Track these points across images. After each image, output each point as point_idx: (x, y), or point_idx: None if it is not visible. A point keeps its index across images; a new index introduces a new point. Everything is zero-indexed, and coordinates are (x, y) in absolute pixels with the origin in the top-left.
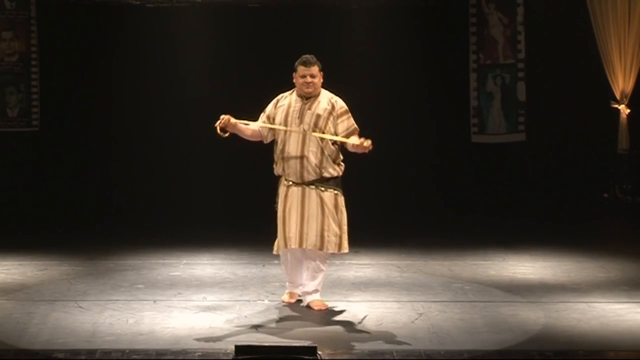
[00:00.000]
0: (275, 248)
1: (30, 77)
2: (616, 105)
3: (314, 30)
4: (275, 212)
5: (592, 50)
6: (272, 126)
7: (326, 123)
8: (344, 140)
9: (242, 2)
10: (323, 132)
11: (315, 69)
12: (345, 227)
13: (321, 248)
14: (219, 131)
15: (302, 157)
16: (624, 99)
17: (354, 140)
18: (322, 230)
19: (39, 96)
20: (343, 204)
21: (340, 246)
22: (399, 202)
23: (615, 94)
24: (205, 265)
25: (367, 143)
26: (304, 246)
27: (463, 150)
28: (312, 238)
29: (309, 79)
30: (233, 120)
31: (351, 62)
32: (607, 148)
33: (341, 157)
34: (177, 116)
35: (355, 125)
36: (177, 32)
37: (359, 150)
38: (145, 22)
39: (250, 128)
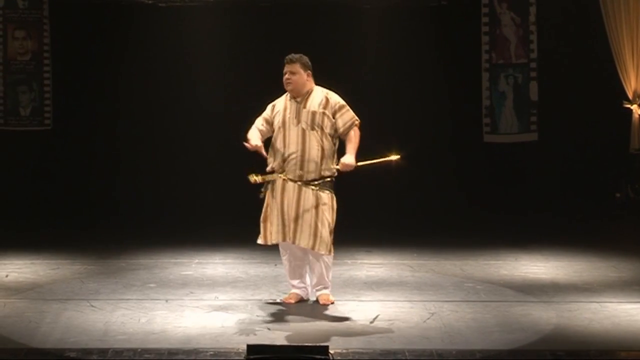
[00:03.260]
0: (262, 239)
1: (43, 76)
2: (628, 105)
3: (326, 30)
4: (263, 200)
5: (604, 50)
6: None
7: (322, 119)
8: (350, 145)
9: (254, 1)
10: (322, 128)
11: (296, 66)
12: (332, 229)
13: (313, 248)
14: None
15: (302, 156)
16: (637, 99)
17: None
18: (316, 229)
19: (51, 95)
20: (335, 206)
21: (329, 248)
22: (411, 202)
23: (627, 93)
24: (217, 265)
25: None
26: (297, 244)
27: (475, 149)
28: (305, 237)
29: (288, 76)
30: (259, 143)
31: (363, 62)
32: (619, 148)
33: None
34: (188, 115)
35: (355, 118)
36: (189, 31)
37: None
38: (157, 21)
39: (260, 139)
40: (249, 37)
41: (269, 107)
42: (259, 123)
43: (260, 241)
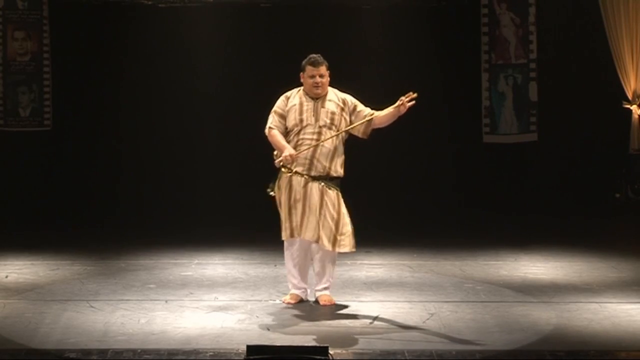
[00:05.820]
0: (284, 235)
1: (43, 76)
2: (628, 106)
3: (326, 31)
4: (271, 197)
5: (604, 51)
6: (302, 152)
7: (340, 119)
8: (385, 115)
9: (254, 1)
10: (338, 129)
11: (323, 69)
12: (343, 226)
13: (317, 242)
14: (284, 170)
15: (314, 152)
16: (636, 99)
17: (390, 109)
18: (318, 225)
19: (51, 96)
20: (343, 202)
21: (334, 244)
22: (411, 202)
23: (627, 94)
24: (217, 265)
25: (405, 100)
26: (303, 237)
27: (475, 150)
28: (310, 231)
29: (318, 79)
30: (295, 153)
31: (363, 62)
32: (619, 148)
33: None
34: (189, 115)
35: (370, 111)
36: (189, 31)
37: (402, 112)
38: (157, 22)
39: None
40: (249, 38)
41: (282, 99)
42: (276, 122)
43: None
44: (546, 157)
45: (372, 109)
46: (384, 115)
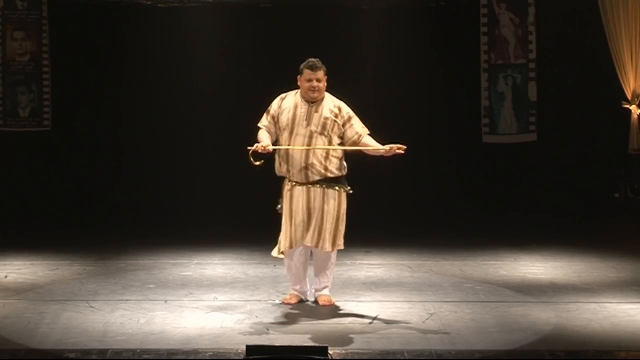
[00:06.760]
0: (276, 251)
1: (42, 77)
2: (627, 106)
3: (326, 31)
4: (278, 214)
5: (603, 51)
6: (280, 147)
7: (333, 127)
8: (372, 149)
9: (253, 2)
10: (331, 136)
11: (321, 74)
12: (341, 224)
13: (317, 246)
14: (253, 160)
15: (307, 160)
16: (636, 100)
17: (379, 147)
18: (322, 230)
19: (50, 96)
20: (345, 201)
21: (334, 244)
22: (410, 202)
23: (626, 94)
24: (217, 266)
25: (395, 148)
26: (304, 243)
27: (474, 150)
28: (310, 237)
29: (315, 84)
30: (271, 147)
31: (362, 63)
32: (618, 148)
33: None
34: (188, 116)
35: (366, 128)
36: (189, 32)
37: (387, 155)
38: (156, 22)
39: (269, 139)
40: (249, 38)
41: (277, 100)
42: (266, 122)
43: (276, 254)
44: (546, 157)
45: (364, 122)
46: (370, 147)
